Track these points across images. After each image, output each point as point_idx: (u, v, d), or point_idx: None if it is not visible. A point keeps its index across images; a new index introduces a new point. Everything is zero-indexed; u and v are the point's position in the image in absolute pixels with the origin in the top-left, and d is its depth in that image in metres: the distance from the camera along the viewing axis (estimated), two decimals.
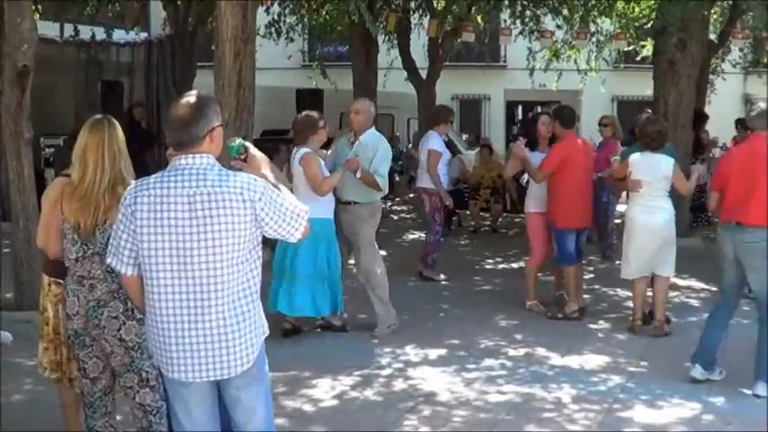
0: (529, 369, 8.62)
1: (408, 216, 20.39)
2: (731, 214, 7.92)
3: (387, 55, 23.94)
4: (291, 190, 7.96)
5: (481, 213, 18.07)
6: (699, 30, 15.55)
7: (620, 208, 11.50)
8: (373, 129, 9.98)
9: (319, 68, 24.23)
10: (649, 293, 10.05)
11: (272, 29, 21.04)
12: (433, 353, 9.13)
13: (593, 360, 8.91)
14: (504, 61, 33.36)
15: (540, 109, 21.37)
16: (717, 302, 8.44)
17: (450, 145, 19.27)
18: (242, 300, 4.45)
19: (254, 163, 4.79)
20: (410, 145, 23.30)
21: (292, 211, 4.51)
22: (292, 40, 21.95)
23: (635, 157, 9.83)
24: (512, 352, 9.21)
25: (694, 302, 11.52)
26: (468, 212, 18.40)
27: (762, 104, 8.09)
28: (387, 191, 10.10)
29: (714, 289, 11.96)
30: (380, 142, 9.88)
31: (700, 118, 17.68)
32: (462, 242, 16.87)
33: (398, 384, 8.16)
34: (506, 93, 33.39)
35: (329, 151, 10.00)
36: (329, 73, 23.63)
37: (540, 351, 9.22)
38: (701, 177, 11.60)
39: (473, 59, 30.87)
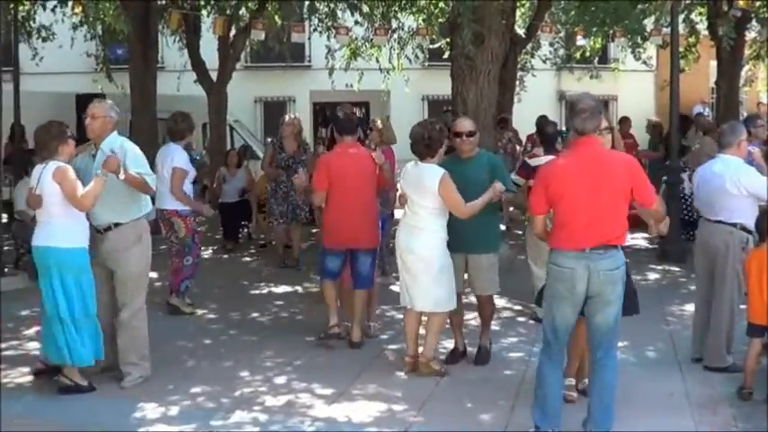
0: (286, 424, 7.12)
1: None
2: (582, 238, 6.32)
3: (180, 56, 22.50)
4: None
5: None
6: (497, 22, 14.17)
7: None
8: (115, 133, 8.28)
9: (105, 71, 22.78)
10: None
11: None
12: (174, 408, 7.47)
13: (364, 409, 7.42)
14: (309, 61, 32.01)
15: None
16: (547, 341, 6.64)
17: (235, 152, 17.63)
18: None
19: None
20: (204, 152, 21.62)
21: None
22: (49, 39, 20.02)
23: (407, 167, 8.36)
24: (270, 400, 7.65)
25: (494, 326, 9.52)
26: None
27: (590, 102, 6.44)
28: (154, 190, 8.58)
29: (518, 308, 10.73)
30: (125, 143, 8.28)
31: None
32: (246, 259, 15.07)
33: None
34: (312, 94, 31.86)
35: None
36: (120, 77, 21.70)
37: (304, 398, 7.71)
38: None
39: (276, 60, 29.31)
